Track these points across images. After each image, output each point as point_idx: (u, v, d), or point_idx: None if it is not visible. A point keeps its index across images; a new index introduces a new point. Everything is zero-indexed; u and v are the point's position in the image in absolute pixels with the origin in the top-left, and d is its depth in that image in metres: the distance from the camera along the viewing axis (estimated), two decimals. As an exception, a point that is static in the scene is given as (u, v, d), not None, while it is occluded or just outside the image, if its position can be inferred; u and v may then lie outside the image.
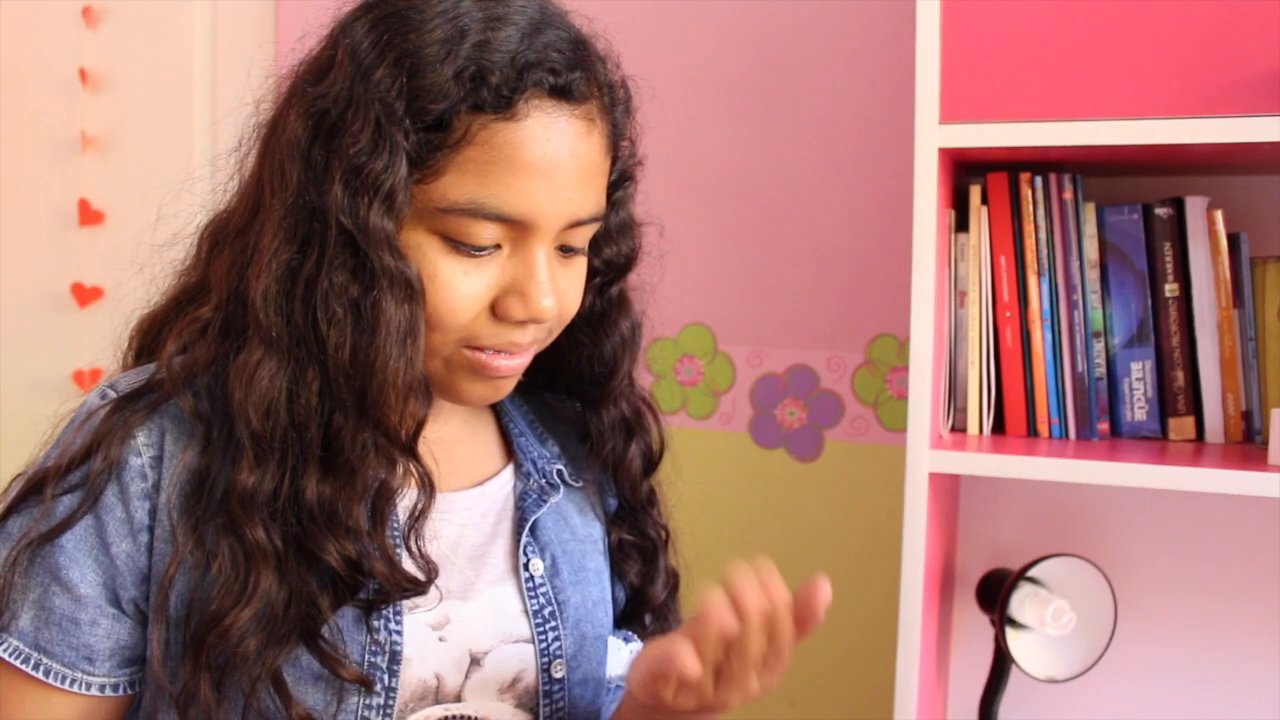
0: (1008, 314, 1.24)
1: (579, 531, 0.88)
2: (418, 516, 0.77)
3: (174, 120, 1.84)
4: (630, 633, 0.93)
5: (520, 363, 0.78)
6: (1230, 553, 1.37)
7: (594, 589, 0.87)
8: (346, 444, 0.72)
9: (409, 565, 0.76)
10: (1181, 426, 1.24)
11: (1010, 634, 1.25)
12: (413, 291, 0.71)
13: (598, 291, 0.86)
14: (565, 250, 0.76)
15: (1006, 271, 1.23)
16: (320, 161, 0.71)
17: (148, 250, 0.83)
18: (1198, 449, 1.20)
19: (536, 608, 0.82)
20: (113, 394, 0.77)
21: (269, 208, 0.73)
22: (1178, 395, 1.23)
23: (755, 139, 1.60)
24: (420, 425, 0.76)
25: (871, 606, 1.53)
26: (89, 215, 1.89)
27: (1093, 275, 1.23)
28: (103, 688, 0.75)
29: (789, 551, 1.60)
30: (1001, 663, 1.31)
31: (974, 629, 1.44)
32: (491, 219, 0.71)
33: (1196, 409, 1.23)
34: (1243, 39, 1.04)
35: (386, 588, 0.74)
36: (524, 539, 0.83)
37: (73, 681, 0.74)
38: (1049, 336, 1.23)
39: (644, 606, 0.91)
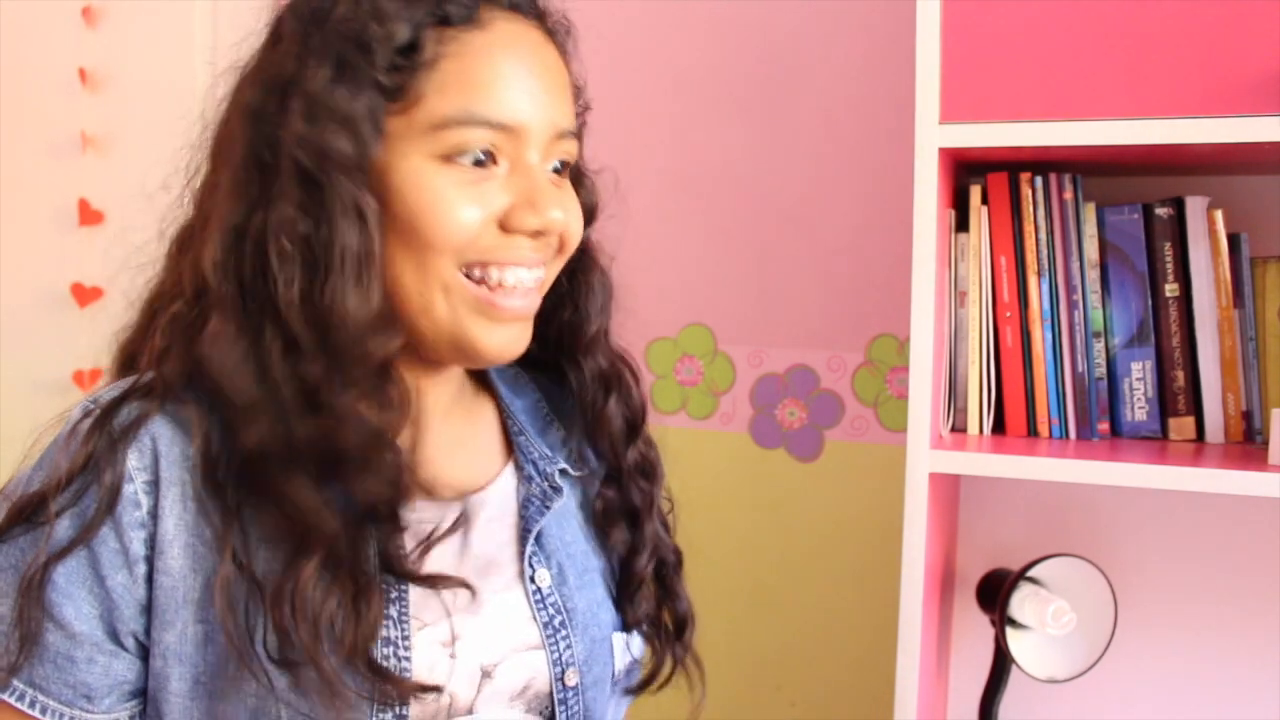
0: (1008, 314, 1.24)
1: (580, 530, 0.88)
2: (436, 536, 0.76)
3: (174, 120, 1.84)
4: (632, 631, 0.91)
5: (527, 304, 0.77)
6: (1230, 553, 1.37)
7: (598, 590, 0.86)
8: (324, 397, 0.71)
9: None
10: (1181, 426, 1.23)
11: (1010, 634, 1.25)
12: (364, 217, 0.71)
13: None
14: (555, 171, 0.78)
15: (1006, 271, 1.23)
16: (274, 109, 0.71)
17: (147, 252, 0.83)
18: (1198, 449, 1.20)
19: (546, 619, 0.81)
20: (95, 409, 0.74)
21: (219, 186, 0.73)
22: (1178, 395, 1.23)
23: (755, 139, 1.60)
24: (392, 355, 0.73)
25: (871, 606, 1.53)
26: (89, 215, 1.89)
27: (1093, 275, 1.23)
28: None
29: (789, 551, 1.60)
30: (1001, 663, 1.31)
31: (974, 629, 1.44)
32: (482, 124, 0.72)
33: (1197, 409, 1.23)
34: (1243, 39, 1.04)
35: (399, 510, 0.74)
36: (529, 548, 0.82)
37: (71, 719, 0.72)
38: (1049, 336, 1.23)
39: (630, 579, 0.89)
